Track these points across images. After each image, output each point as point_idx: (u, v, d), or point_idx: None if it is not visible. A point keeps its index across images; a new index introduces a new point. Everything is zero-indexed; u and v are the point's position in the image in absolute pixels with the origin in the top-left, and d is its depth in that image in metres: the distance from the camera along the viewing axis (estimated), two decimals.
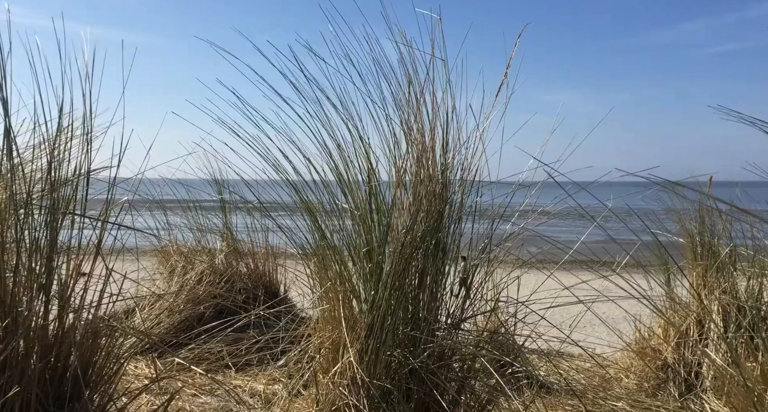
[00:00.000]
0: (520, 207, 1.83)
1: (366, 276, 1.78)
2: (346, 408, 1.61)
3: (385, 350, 1.68)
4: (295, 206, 1.96)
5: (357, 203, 1.83)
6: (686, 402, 2.24)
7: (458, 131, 1.67)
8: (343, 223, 1.88)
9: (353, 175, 1.86)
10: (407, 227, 1.70)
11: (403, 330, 1.75)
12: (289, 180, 1.90)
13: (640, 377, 2.46)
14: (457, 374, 1.79)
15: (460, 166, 1.71)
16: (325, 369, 1.75)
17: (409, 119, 1.67)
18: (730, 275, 2.35)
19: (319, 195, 1.91)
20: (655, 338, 2.50)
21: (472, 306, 1.83)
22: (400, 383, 1.68)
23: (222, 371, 2.38)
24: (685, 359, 2.37)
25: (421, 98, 1.65)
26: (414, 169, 1.73)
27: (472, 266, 1.81)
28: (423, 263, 1.75)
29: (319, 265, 1.93)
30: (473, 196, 1.76)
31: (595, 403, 2.25)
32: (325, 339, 1.82)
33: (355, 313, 1.78)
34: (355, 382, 1.64)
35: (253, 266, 2.97)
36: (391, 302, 1.69)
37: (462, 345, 1.82)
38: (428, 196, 1.70)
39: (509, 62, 1.57)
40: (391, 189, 1.79)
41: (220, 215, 3.12)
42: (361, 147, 1.82)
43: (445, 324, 1.80)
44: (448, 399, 1.69)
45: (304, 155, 1.87)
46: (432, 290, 1.78)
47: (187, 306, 2.60)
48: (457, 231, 1.79)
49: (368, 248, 1.77)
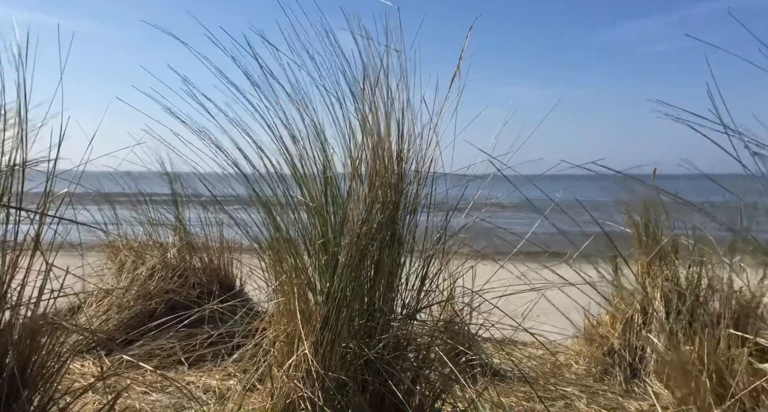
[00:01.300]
0: (474, 198, 1.86)
1: (321, 268, 1.78)
2: (301, 401, 1.60)
3: (341, 342, 1.68)
4: (250, 199, 1.93)
5: (312, 195, 1.82)
6: (630, 386, 2.35)
7: (413, 123, 1.68)
8: (299, 215, 1.86)
9: (308, 166, 1.84)
10: (363, 218, 1.70)
11: (358, 321, 1.75)
12: (242, 172, 1.87)
13: (588, 363, 2.56)
14: (413, 364, 1.81)
15: (415, 157, 1.72)
16: (280, 363, 1.74)
17: (365, 110, 1.66)
18: (671, 264, 2.47)
19: (274, 187, 1.88)
20: (602, 325, 2.60)
21: (428, 296, 1.85)
22: (356, 374, 1.68)
23: (175, 368, 2.33)
24: (630, 345, 2.47)
25: (376, 89, 1.65)
26: (370, 160, 1.73)
27: (427, 257, 1.83)
28: (379, 254, 1.76)
29: (274, 258, 1.90)
30: (428, 188, 1.77)
31: (546, 389, 2.32)
32: (280, 332, 1.80)
33: (310, 305, 1.77)
34: (309, 374, 1.63)
35: (207, 260, 2.90)
36: (346, 293, 1.69)
37: (417, 335, 1.84)
38: (384, 188, 1.70)
39: (461, 55, 1.59)
40: (346, 180, 1.79)
41: (173, 208, 3.03)
42: (316, 138, 1.80)
43: (401, 315, 1.81)
44: (404, 389, 1.71)
45: (258, 146, 1.84)
46: (388, 281, 1.79)
47: (138, 302, 2.52)
48: (413, 222, 1.81)
49: (324, 240, 1.76)
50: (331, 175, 1.79)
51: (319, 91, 1.72)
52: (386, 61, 1.63)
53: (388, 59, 1.62)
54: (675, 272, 2.45)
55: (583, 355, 2.61)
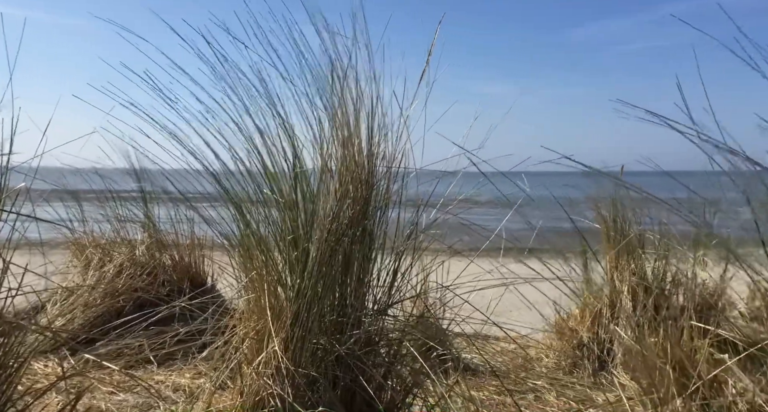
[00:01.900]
0: (445, 194, 1.86)
1: (292, 264, 1.76)
2: (270, 398, 1.58)
3: (311, 338, 1.67)
4: (220, 195, 1.90)
5: (282, 191, 1.80)
6: (599, 378, 2.40)
7: (383, 118, 1.67)
8: (269, 211, 1.84)
9: (278, 162, 1.82)
10: (333, 213, 1.69)
11: (329, 317, 1.74)
12: (210, 169, 1.84)
13: (558, 356, 2.60)
14: (384, 359, 1.81)
15: (386, 152, 1.72)
16: (250, 360, 1.72)
17: (334, 105, 1.65)
18: (638, 258, 2.52)
19: (243, 184, 1.86)
20: (572, 319, 2.65)
21: (399, 292, 1.85)
22: (326, 370, 1.68)
23: (143, 367, 2.28)
24: (598, 338, 2.52)
25: (344, 83, 1.64)
26: (340, 155, 1.72)
27: (399, 252, 1.83)
28: (350, 249, 1.75)
29: (245, 254, 1.88)
30: (399, 183, 1.77)
31: (517, 382, 2.35)
32: (250, 329, 1.78)
33: (281, 301, 1.75)
34: (279, 371, 1.62)
35: (178, 257, 2.85)
36: (317, 289, 1.68)
37: (389, 331, 1.84)
38: (354, 183, 1.70)
39: (430, 50, 1.59)
40: (316, 176, 1.77)
41: (142, 205, 2.97)
42: (285, 133, 1.79)
43: (372, 310, 1.81)
44: (375, 385, 1.71)
45: (227, 142, 1.82)
46: (359, 277, 1.78)
47: (105, 300, 2.47)
48: (384, 218, 1.81)
49: (294, 236, 1.75)
50: (300, 171, 1.77)
51: (287, 85, 1.71)
52: (354, 55, 1.62)
53: (356, 53, 1.61)
54: (642, 267, 2.50)
55: (554, 348, 2.65)
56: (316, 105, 1.73)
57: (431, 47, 1.59)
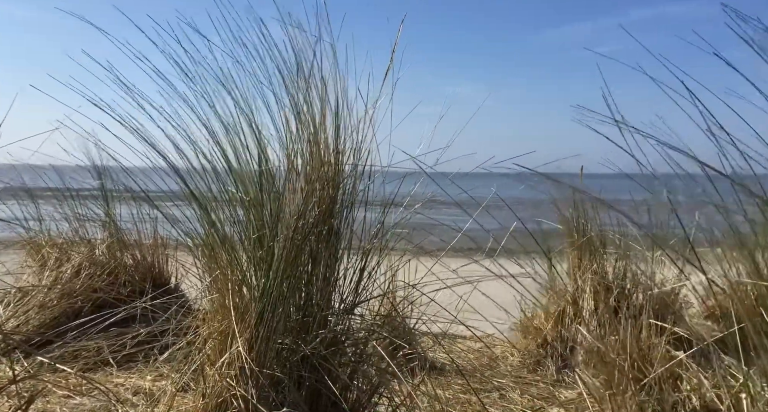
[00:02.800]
0: (410, 194, 1.87)
1: (257, 263, 1.74)
2: (234, 399, 1.56)
3: (276, 338, 1.65)
4: (183, 194, 1.87)
5: (247, 189, 1.78)
6: (562, 375, 2.45)
7: (349, 115, 1.67)
8: (234, 210, 1.82)
9: (243, 159, 1.80)
10: (299, 212, 1.68)
11: (295, 317, 1.73)
12: (174, 166, 1.80)
13: (523, 355, 2.64)
14: (350, 359, 1.80)
15: (352, 151, 1.72)
16: (213, 361, 1.69)
17: (299, 102, 1.64)
18: (600, 258, 2.59)
19: (208, 182, 1.83)
20: (536, 318, 2.70)
21: (366, 291, 1.85)
22: (291, 370, 1.66)
23: (102, 369, 2.21)
24: (562, 336, 2.57)
25: (310, 80, 1.63)
26: (306, 153, 1.71)
27: (366, 251, 1.82)
28: (316, 248, 1.74)
29: (209, 254, 1.85)
30: (365, 182, 1.77)
31: (482, 381, 2.38)
32: (213, 330, 1.75)
33: (245, 301, 1.72)
34: (243, 372, 1.59)
35: (140, 257, 2.78)
36: (282, 288, 1.66)
37: (355, 330, 1.84)
38: (321, 181, 1.69)
39: (394, 48, 1.60)
40: (282, 174, 1.76)
41: (102, 203, 2.88)
42: (250, 130, 1.76)
43: (339, 310, 1.80)
44: (340, 384, 1.70)
45: (191, 139, 1.78)
46: (325, 276, 1.77)
47: (62, 301, 2.38)
48: (350, 216, 1.80)
49: (259, 235, 1.72)
50: (266, 169, 1.75)
51: (252, 82, 1.69)
52: (319, 52, 1.62)
53: (321, 51, 1.61)
54: (603, 266, 2.57)
55: (519, 347, 2.69)
56: (282, 102, 1.71)
57: (394, 45, 1.60)
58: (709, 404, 1.66)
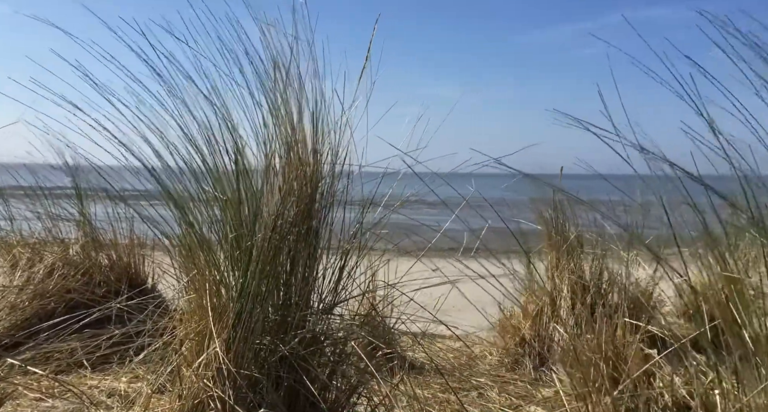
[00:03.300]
0: (390, 193, 1.87)
1: (235, 263, 1.72)
2: (210, 400, 1.54)
3: (254, 339, 1.64)
4: (160, 193, 1.84)
5: (224, 188, 1.76)
6: (539, 374, 2.48)
7: (327, 115, 1.67)
8: (212, 210, 1.80)
9: (221, 159, 1.78)
10: (277, 211, 1.67)
11: (273, 317, 1.72)
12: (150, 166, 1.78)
13: (501, 354, 2.66)
14: (329, 359, 1.80)
15: (330, 150, 1.71)
16: (190, 362, 1.67)
17: (277, 102, 1.63)
18: (577, 258, 2.63)
19: (185, 182, 1.81)
20: (515, 317, 2.72)
21: (345, 290, 1.84)
22: (270, 371, 1.65)
23: (75, 371, 2.17)
24: (539, 335, 2.60)
25: (287, 79, 1.62)
26: (284, 152, 1.70)
27: (345, 251, 1.82)
28: (294, 248, 1.73)
29: (186, 254, 1.82)
30: (344, 181, 1.77)
31: (461, 380, 2.39)
32: (190, 330, 1.73)
33: (223, 301, 1.71)
34: (221, 373, 1.57)
35: (115, 257, 2.73)
36: (261, 288, 1.65)
37: (334, 330, 1.83)
38: (299, 180, 1.68)
39: (369, 47, 1.60)
40: (260, 173, 1.75)
41: (76, 202, 2.82)
42: (227, 130, 1.75)
43: (317, 309, 1.80)
44: (319, 385, 1.69)
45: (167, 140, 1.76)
46: (304, 276, 1.77)
47: (34, 302, 2.33)
48: (329, 216, 1.80)
49: (236, 234, 1.71)
50: (244, 168, 1.74)
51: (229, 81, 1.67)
52: (296, 52, 1.61)
53: (298, 50, 1.60)
54: (580, 266, 2.61)
55: (497, 346, 2.72)
56: (258, 101, 1.70)
57: (370, 44, 1.60)
58: (681, 400, 1.69)
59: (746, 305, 1.37)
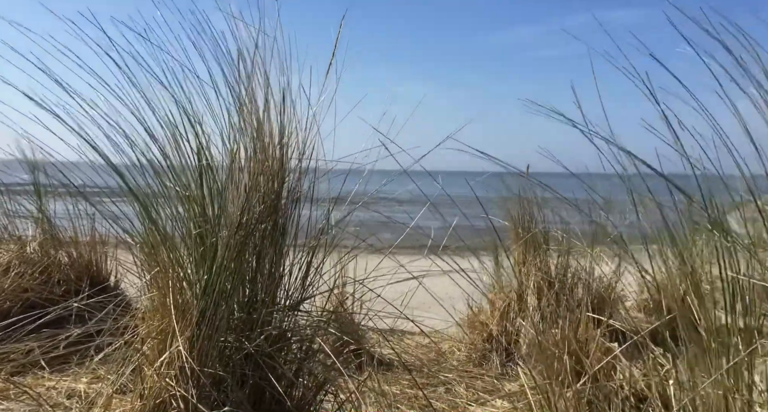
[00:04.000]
0: (357, 189, 1.87)
1: (199, 260, 1.69)
2: (173, 400, 1.51)
3: (219, 336, 1.61)
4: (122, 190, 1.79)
5: (188, 184, 1.73)
6: (506, 369, 2.51)
7: (293, 110, 1.65)
8: (174, 206, 1.76)
9: (183, 154, 1.74)
10: (243, 207, 1.64)
11: (239, 314, 1.69)
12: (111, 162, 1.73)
13: (469, 349, 2.69)
14: (296, 356, 1.78)
15: (297, 145, 1.70)
16: (152, 361, 1.63)
17: (242, 95, 1.61)
18: (543, 254, 2.67)
19: (147, 178, 1.76)
20: (483, 313, 2.75)
21: (313, 287, 1.83)
22: (234, 369, 1.63)
23: (32, 372, 2.10)
24: (506, 331, 2.64)
25: (253, 72, 1.60)
26: (249, 147, 1.68)
27: (312, 247, 1.81)
28: (261, 244, 1.71)
29: (148, 251, 1.78)
30: (311, 177, 1.75)
31: (429, 376, 2.41)
32: (153, 329, 1.69)
33: (186, 299, 1.68)
34: (184, 372, 1.54)
35: (76, 254, 2.65)
36: (226, 285, 1.63)
37: (301, 327, 1.82)
38: (265, 176, 1.66)
39: (336, 42, 1.59)
40: (224, 168, 1.72)
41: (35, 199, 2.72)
42: (190, 124, 1.71)
43: (284, 306, 1.78)
44: (285, 382, 1.68)
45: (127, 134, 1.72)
46: (270, 272, 1.75)
47: None
48: (296, 212, 1.78)
49: (200, 231, 1.68)
50: (207, 163, 1.71)
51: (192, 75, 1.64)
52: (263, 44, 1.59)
53: (264, 43, 1.58)
54: (546, 262, 2.65)
55: (465, 342, 2.74)
56: (224, 96, 1.67)
57: (336, 40, 1.59)
58: (640, 392, 1.74)
59: (702, 299, 1.41)
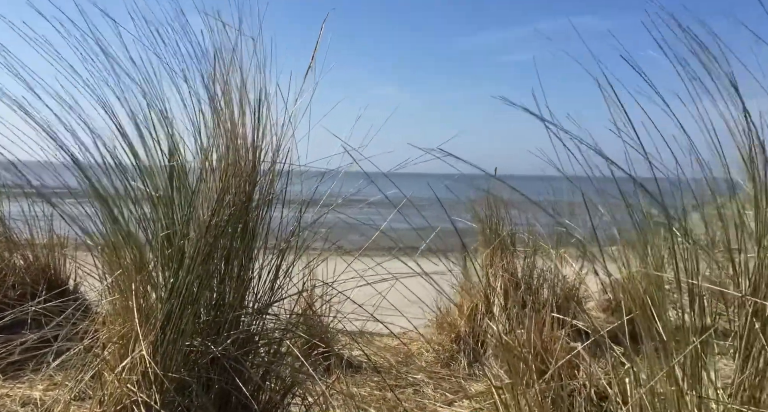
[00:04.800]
0: (328, 192, 1.86)
1: (165, 262, 1.65)
2: (135, 406, 1.47)
3: (184, 341, 1.58)
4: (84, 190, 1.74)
5: (157, 184, 1.69)
6: (473, 369, 2.55)
7: (268, 111, 1.63)
8: (140, 207, 1.72)
9: (153, 154, 1.70)
10: (213, 209, 1.62)
11: (205, 317, 1.66)
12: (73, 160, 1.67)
13: (437, 350, 2.72)
14: (264, 359, 1.76)
15: (270, 148, 1.68)
16: (113, 366, 1.58)
17: (217, 96, 1.58)
18: (510, 256, 2.72)
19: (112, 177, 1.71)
20: (451, 314, 2.78)
21: (282, 289, 1.81)
22: (200, 373, 1.60)
23: None
24: (474, 331, 2.68)
25: (229, 73, 1.58)
26: (222, 148, 1.65)
27: (282, 249, 1.79)
28: (230, 246, 1.69)
29: (111, 253, 1.73)
30: (284, 180, 1.74)
31: (398, 377, 2.42)
32: (114, 333, 1.64)
33: (150, 302, 1.64)
34: (147, 377, 1.51)
35: (32, 257, 2.55)
36: (193, 288, 1.59)
37: (269, 330, 1.80)
38: (237, 177, 1.64)
39: (316, 46, 1.59)
40: (196, 170, 1.69)
41: None
42: (162, 123, 1.68)
43: (252, 309, 1.76)
44: (252, 386, 1.66)
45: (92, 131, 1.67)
46: (239, 275, 1.72)
47: None
48: (268, 214, 1.76)
49: (168, 232, 1.64)
50: (178, 164, 1.67)
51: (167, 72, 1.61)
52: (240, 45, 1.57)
53: (241, 43, 1.56)
54: (513, 264, 2.70)
55: (434, 343, 2.77)
56: (199, 96, 1.64)
57: (317, 44, 1.59)
58: (602, 391, 1.79)
59: (661, 298, 1.46)
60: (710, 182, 1.43)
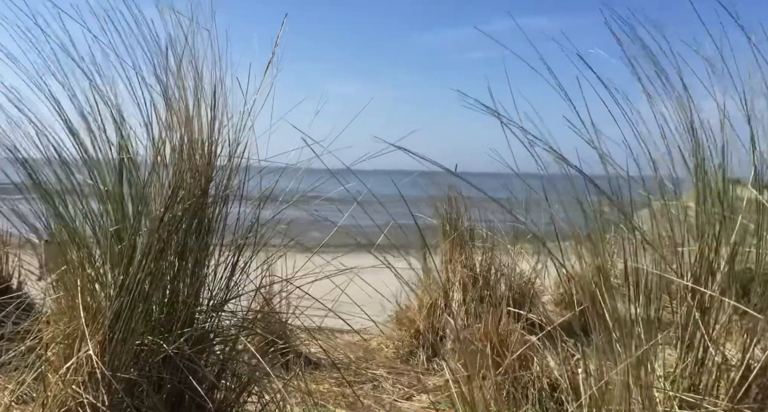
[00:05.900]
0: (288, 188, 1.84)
1: (114, 259, 1.59)
2: (80, 408, 1.41)
3: (134, 339, 1.53)
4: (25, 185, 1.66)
5: (105, 179, 1.62)
6: (432, 364, 2.57)
7: (225, 104, 1.59)
8: (87, 202, 1.65)
9: (101, 146, 1.64)
10: (166, 204, 1.57)
11: (157, 315, 1.61)
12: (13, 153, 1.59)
13: (397, 346, 2.73)
14: (219, 357, 1.73)
15: (228, 141, 1.64)
16: (57, 367, 1.52)
17: (170, 87, 1.53)
18: (469, 251, 2.76)
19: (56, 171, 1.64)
20: (410, 309, 2.80)
21: (238, 286, 1.78)
22: (151, 372, 1.55)
23: None
24: (433, 327, 2.70)
25: (182, 63, 1.53)
26: (176, 141, 1.60)
27: (239, 246, 1.76)
28: (184, 243, 1.64)
29: (55, 249, 1.66)
30: (241, 175, 1.70)
31: (357, 373, 2.42)
32: (59, 332, 1.57)
33: (98, 300, 1.57)
34: (93, 377, 1.45)
35: None
36: (144, 285, 1.54)
37: (225, 327, 1.76)
38: (192, 172, 1.59)
39: (276, 41, 1.56)
40: (148, 164, 1.63)
41: None
42: (110, 115, 1.61)
43: (207, 306, 1.72)
44: (207, 385, 1.62)
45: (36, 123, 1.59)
46: (194, 271, 1.68)
47: None
48: (224, 210, 1.72)
49: (117, 228, 1.58)
50: (128, 157, 1.61)
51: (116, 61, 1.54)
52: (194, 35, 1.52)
53: (195, 34, 1.51)
54: (471, 259, 2.74)
55: (394, 339, 2.78)
56: (151, 87, 1.58)
57: (276, 40, 1.56)
58: (555, 382, 1.84)
59: (610, 291, 1.51)
60: (659, 180, 1.48)
